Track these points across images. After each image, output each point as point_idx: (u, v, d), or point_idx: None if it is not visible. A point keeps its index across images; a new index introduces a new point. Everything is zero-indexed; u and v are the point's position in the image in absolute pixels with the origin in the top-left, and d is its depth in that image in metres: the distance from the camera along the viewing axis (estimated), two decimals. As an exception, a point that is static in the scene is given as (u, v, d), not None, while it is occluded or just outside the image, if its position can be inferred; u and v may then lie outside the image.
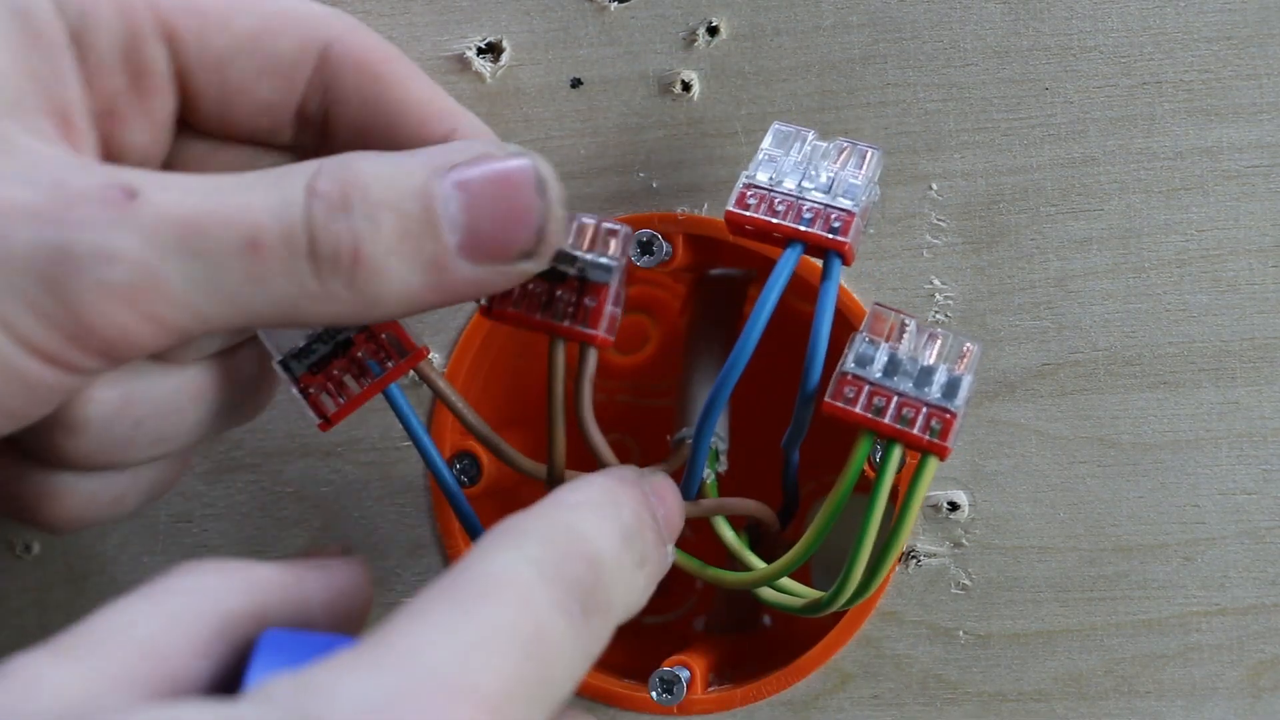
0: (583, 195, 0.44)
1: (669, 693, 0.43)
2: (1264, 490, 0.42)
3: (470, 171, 0.35)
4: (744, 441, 0.44)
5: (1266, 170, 0.41)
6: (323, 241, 0.34)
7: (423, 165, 0.35)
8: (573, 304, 0.37)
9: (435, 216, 0.34)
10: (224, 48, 0.37)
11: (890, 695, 0.44)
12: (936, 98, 0.42)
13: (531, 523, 0.33)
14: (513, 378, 0.46)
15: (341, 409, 0.38)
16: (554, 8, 0.43)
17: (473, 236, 0.35)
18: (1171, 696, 0.43)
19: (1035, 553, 0.43)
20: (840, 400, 0.36)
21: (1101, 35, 0.41)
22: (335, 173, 0.34)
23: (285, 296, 0.34)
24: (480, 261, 0.35)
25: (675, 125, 0.43)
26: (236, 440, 0.47)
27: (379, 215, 0.34)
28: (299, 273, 0.34)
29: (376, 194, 0.34)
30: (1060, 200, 0.42)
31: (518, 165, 0.35)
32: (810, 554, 0.37)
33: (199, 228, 0.33)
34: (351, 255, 0.34)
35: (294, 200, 0.34)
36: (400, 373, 0.38)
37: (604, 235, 0.37)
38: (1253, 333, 0.42)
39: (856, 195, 0.37)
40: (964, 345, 0.36)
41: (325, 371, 0.38)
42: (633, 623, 0.51)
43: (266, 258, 0.33)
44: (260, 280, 0.34)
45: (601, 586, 0.33)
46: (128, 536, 0.48)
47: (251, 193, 0.34)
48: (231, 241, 0.33)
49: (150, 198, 0.33)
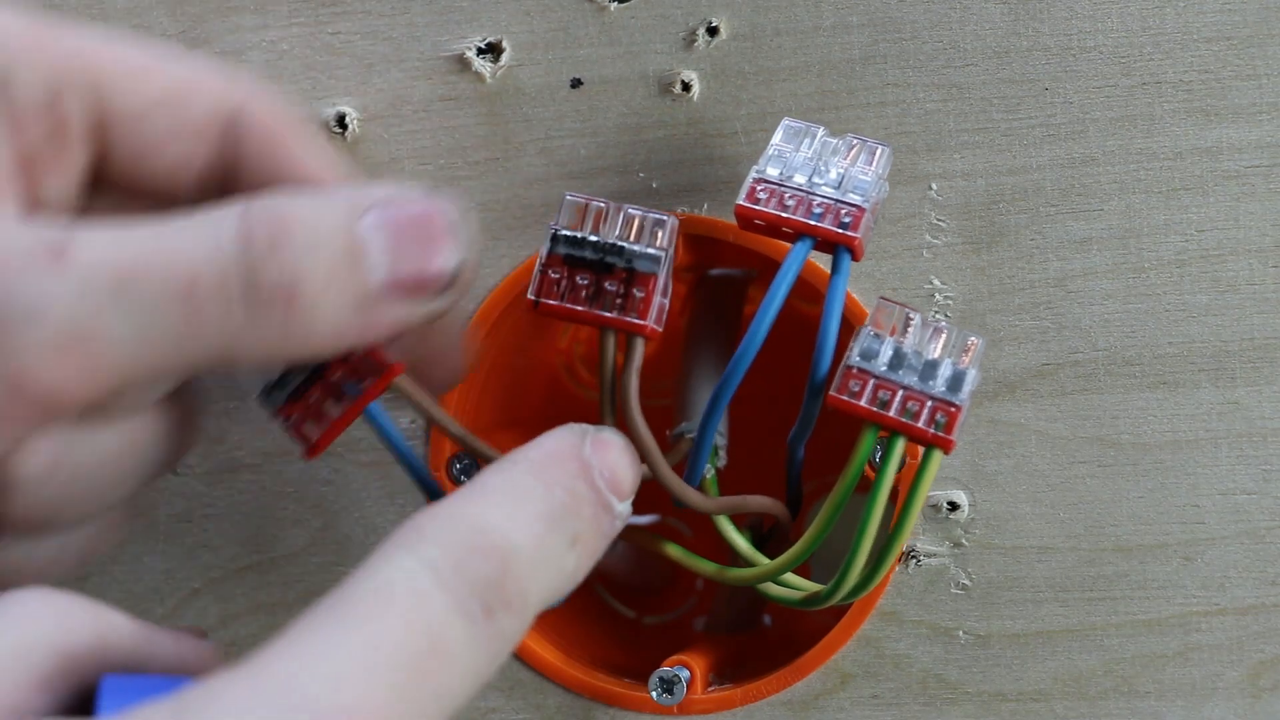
0: (583, 195, 0.44)
1: (669, 693, 0.43)
2: (1264, 490, 0.42)
3: (387, 213, 0.36)
4: (744, 439, 0.45)
5: (1266, 170, 0.41)
6: (259, 282, 0.34)
7: (343, 205, 0.36)
8: (621, 295, 0.37)
9: (360, 255, 0.35)
10: (141, 104, 0.38)
11: (890, 695, 0.44)
12: (936, 98, 0.42)
13: (430, 521, 0.32)
14: (512, 378, 0.46)
15: (324, 435, 0.38)
16: (554, 8, 0.43)
17: (395, 275, 0.36)
18: (1171, 696, 0.43)
19: (1035, 553, 0.43)
20: (845, 394, 0.36)
21: (1101, 35, 0.41)
22: (262, 214, 0.35)
23: (220, 338, 0.34)
24: (403, 298, 0.36)
25: (675, 125, 0.43)
26: (237, 440, 0.47)
27: (307, 256, 0.34)
28: (234, 315, 0.34)
29: (303, 236, 0.35)
30: (1060, 200, 0.42)
31: (433, 204, 0.36)
32: (813, 550, 0.38)
33: (134, 276, 0.33)
34: (286, 296, 0.34)
35: (226, 242, 0.34)
36: (377, 392, 0.38)
37: (651, 226, 0.37)
38: (1253, 333, 0.42)
39: (866, 191, 0.38)
40: (968, 339, 0.36)
41: (304, 400, 0.38)
42: (633, 623, 0.51)
43: (203, 301, 0.34)
44: (197, 324, 0.34)
45: (512, 578, 0.32)
46: (128, 536, 0.47)
47: (182, 237, 0.34)
48: (168, 287, 0.33)
49: (81, 250, 0.33)
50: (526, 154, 0.44)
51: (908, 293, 0.43)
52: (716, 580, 0.40)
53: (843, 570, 0.37)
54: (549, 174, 0.44)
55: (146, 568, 0.48)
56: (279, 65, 0.45)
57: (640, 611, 0.51)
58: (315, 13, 0.44)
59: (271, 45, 0.45)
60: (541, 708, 0.46)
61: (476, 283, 0.44)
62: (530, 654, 0.45)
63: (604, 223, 0.37)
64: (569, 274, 0.37)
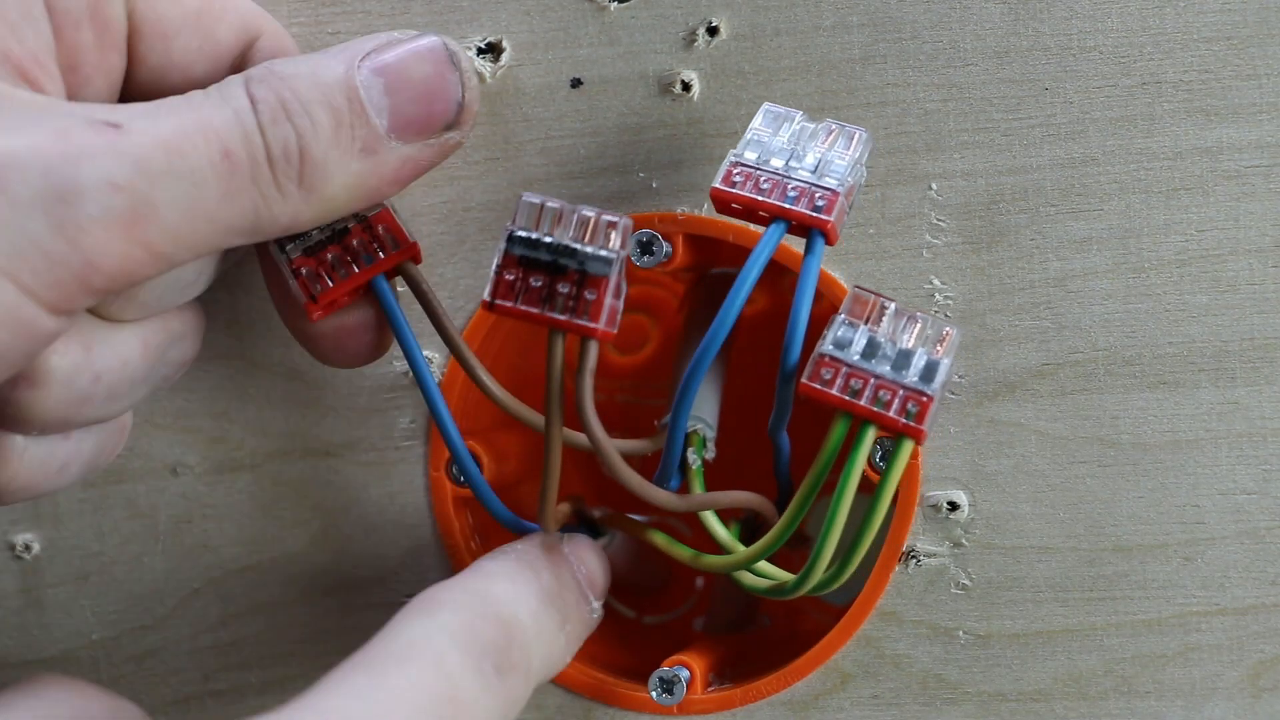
0: (583, 195, 0.44)
1: (669, 693, 0.43)
2: (1264, 490, 0.42)
3: (384, 56, 0.38)
4: (742, 435, 0.45)
5: (1266, 170, 0.41)
6: (274, 145, 0.36)
7: (339, 58, 0.37)
8: (573, 297, 0.37)
9: (361, 104, 0.37)
10: (173, 19, 0.39)
11: (890, 695, 0.44)
12: (936, 98, 0.42)
13: (446, 593, 0.36)
14: (512, 377, 0.46)
15: (329, 293, 0.39)
16: (554, 8, 0.43)
17: (399, 116, 0.37)
18: (1171, 696, 0.43)
19: (1035, 553, 0.43)
20: (817, 381, 0.36)
21: (1101, 35, 0.41)
22: (264, 80, 0.36)
23: (252, 206, 0.36)
24: (409, 139, 0.37)
25: (675, 125, 0.43)
26: (237, 441, 0.47)
27: (314, 112, 0.36)
28: (262, 179, 0.36)
29: (306, 93, 0.36)
30: (1060, 200, 0.42)
31: (427, 42, 0.38)
32: (786, 537, 0.38)
33: (178, 148, 0.34)
34: (299, 154, 0.36)
35: (244, 108, 0.36)
36: (390, 264, 0.40)
37: (604, 228, 0.37)
38: (1253, 333, 0.42)
39: (841, 175, 0.38)
40: (944, 329, 0.36)
41: (318, 256, 0.39)
42: (633, 623, 0.51)
43: (236, 167, 0.35)
44: (233, 191, 0.35)
45: (517, 646, 0.35)
46: (128, 537, 0.48)
47: (205, 108, 0.35)
48: (209, 156, 0.35)
49: (132, 126, 0.34)
50: (526, 154, 0.44)
51: (908, 293, 0.43)
52: (692, 566, 0.41)
53: (810, 562, 0.37)
54: (549, 174, 0.44)
55: (146, 568, 0.48)
56: (279, 65, 0.45)
57: (640, 611, 0.51)
58: (315, 13, 0.44)
59: (271, 45, 0.45)
60: (541, 708, 0.46)
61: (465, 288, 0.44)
62: (530, 654, 0.45)
63: (559, 224, 0.37)
64: (524, 275, 0.37)
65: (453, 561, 0.46)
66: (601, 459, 0.38)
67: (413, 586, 0.46)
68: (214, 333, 0.46)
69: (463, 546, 0.46)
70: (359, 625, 0.46)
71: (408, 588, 0.46)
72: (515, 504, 0.42)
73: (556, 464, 0.39)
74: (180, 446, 0.47)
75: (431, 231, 0.44)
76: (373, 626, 0.35)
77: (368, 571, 0.46)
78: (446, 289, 0.44)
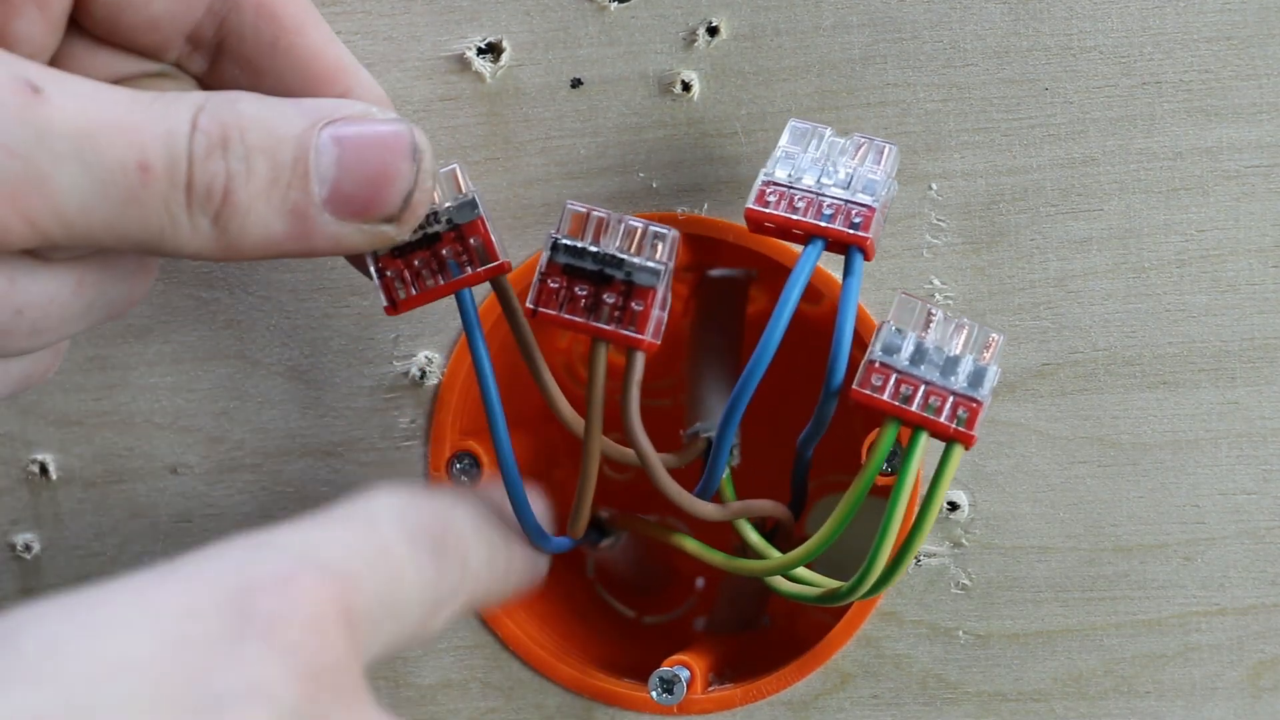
0: (583, 195, 0.44)
1: (669, 692, 0.43)
2: (1264, 490, 0.42)
3: (348, 129, 0.36)
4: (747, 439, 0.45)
5: (1266, 170, 0.41)
6: (198, 177, 0.35)
7: (303, 115, 0.36)
8: (619, 308, 0.37)
9: (306, 167, 0.35)
10: None
11: (890, 695, 0.44)
12: (936, 98, 0.42)
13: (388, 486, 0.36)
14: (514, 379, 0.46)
15: (411, 299, 0.38)
16: (554, 8, 0.43)
17: (340, 192, 0.36)
18: (1171, 696, 0.43)
19: (1035, 553, 0.43)
20: (867, 388, 0.36)
21: (1101, 35, 0.41)
22: (218, 111, 0.35)
23: (155, 223, 0.35)
24: (343, 218, 0.36)
25: (675, 125, 0.43)
26: (237, 440, 0.47)
27: (253, 159, 0.35)
28: (174, 204, 0.35)
29: (254, 138, 0.35)
30: (1060, 200, 0.42)
31: (394, 130, 0.36)
32: (828, 545, 0.38)
33: (95, 140, 0.34)
34: (222, 194, 0.35)
35: (180, 131, 0.34)
36: (478, 279, 0.38)
37: (651, 238, 0.37)
38: (1253, 333, 0.42)
39: (876, 190, 0.38)
40: (989, 335, 0.37)
41: (406, 260, 0.38)
42: (633, 623, 0.51)
43: (150, 182, 0.34)
44: (139, 203, 0.34)
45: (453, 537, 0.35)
46: (128, 537, 0.48)
47: (144, 114, 0.34)
48: (125, 159, 0.34)
49: (53, 98, 0.33)
50: (526, 154, 0.44)
51: (908, 293, 0.43)
52: (726, 570, 0.40)
53: (865, 567, 0.37)
54: (549, 174, 0.44)
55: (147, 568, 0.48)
56: (279, 65, 0.45)
57: (640, 611, 0.51)
58: (315, 13, 0.44)
59: (271, 45, 0.45)
60: (541, 708, 0.46)
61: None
62: (530, 654, 0.45)
63: (604, 233, 0.37)
64: (568, 284, 0.37)
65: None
66: (648, 471, 0.38)
67: (413, 586, 0.46)
68: (214, 332, 0.46)
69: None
70: (359, 625, 0.46)
71: (408, 588, 0.46)
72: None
73: (594, 473, 0.38)
74: (180, 446, 0.47)
75: (431, 231, 0.44)
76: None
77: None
78: (446, 289, 0.44)
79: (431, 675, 0.46)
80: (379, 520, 0.34)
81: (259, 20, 0.39)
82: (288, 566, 0.31)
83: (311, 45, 0.39)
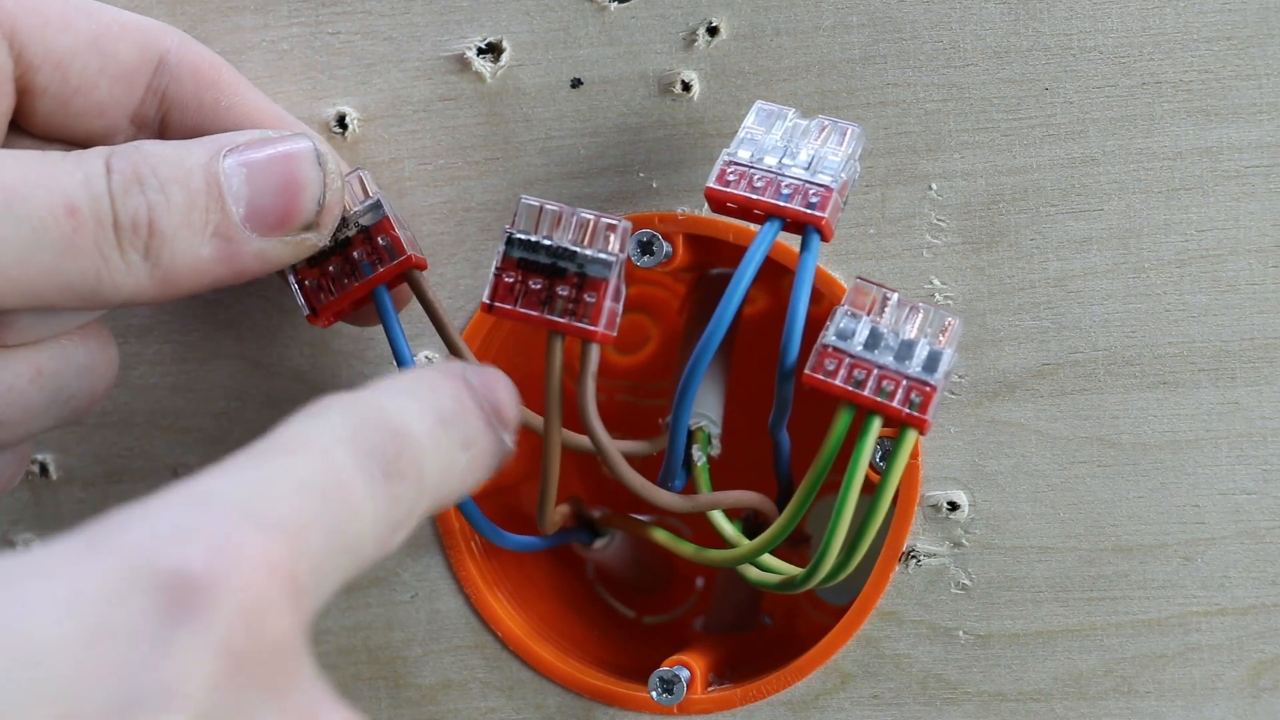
0: (583, 195, 0.44)
1: (669, 693, 0.43)
2: (1264, 490, 0.42)
3: (251, 151, 0.38)
4: (745, 435, 0.45)
5: (1266, 170, 0.41)
6: (122, 212, 0.36)
7: (204, 147, 0.38)
8: (572, 300, 0.37)
9: (219, 190, 0.37)
10: (66, 47, 0.39)
11: (890, 695, 0.44)
12: (936, 98, 0.42)
13: (337, 399, 0.34)
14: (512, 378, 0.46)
15: (330, 304, 0.40)
16: (554, 8, 0.43)
17: (256, 208, 0.38)
18: (1171, 696, 0.43)
19: (1035, 553, 0.43)
20: (820, 372, 0.36)
21: (1101, 35, 0.41)
22: (127, 154, 0.37)
23: (91, 266, 0.36)
24: (265, 232, 0.38)
25: (675, 125, 0.43)
26: (237, 441, 0.47)
27: (169, 189, 0.37)
28: (105, 243, 0.36)
29: (165, 171, 0.37)
30: (1060, 200, 0.42)
31: (295, 144, 0.38)
32: (789, 529, 0.38)
33: (19, 193, 0.35)
34: (147, 226, 0.36)
35: (96, 173, 0.36)
36: (389, 275, 0.40)
37: (603, 230, 0.37)
38: (1253, 333, 0.42)
39: (835, 171, 0.38)
40: (945, 319, 0.37)
41: (321, 268, 0.40)
42: (633, 623, 0.51)
43: (80, 225, 0.36)
44: (73, 247, 0.36)
45: (408, 455, 0.34)
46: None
47: (59, 165, 0.36)
48: (51, 204, 0.35)
49: None
50: (526, 154, 0.44)
51: (908, 293, 0.43)
52: (695, 561, 0.41)
53: (819, 553, 0.37)
54: (549, 174, 0.44)
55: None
56: (279, 65, 0.45)
57: (640, 611, 0.51)
58: (315, 13, 0.44)
59: (272, 45, 0.45)
60: (541, 708, 0.46)
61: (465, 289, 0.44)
62: (530, 654, 0.45)
63: (558, 226, 0.37)
64: (523, 277, 0.37)
65: (453, 561, 0.46)
66: (604, 461, 0.38)
67: (412, 587, 0.46)
68: (214, 332, 0.46)
69: (463, 546, 0.46)
70: (358, 625, 0.46)
71: (407, 588, 0.46)
72: (515, 504, 0.42)
73: (555, 466, 0.39)
74: (180, 446, 0.47)
75: (431, 231, 0.44)
76: (373, 627, 0.35)
77: (366, 572, 0.46)
78: (447, 289, 0.44)
79: (431, 675, 0.46)
80: (330, 447, 0.32)
81: (199, 88, 0.41)
82: (225, 531, 0.28)
83: (250, 102, 0.41)
